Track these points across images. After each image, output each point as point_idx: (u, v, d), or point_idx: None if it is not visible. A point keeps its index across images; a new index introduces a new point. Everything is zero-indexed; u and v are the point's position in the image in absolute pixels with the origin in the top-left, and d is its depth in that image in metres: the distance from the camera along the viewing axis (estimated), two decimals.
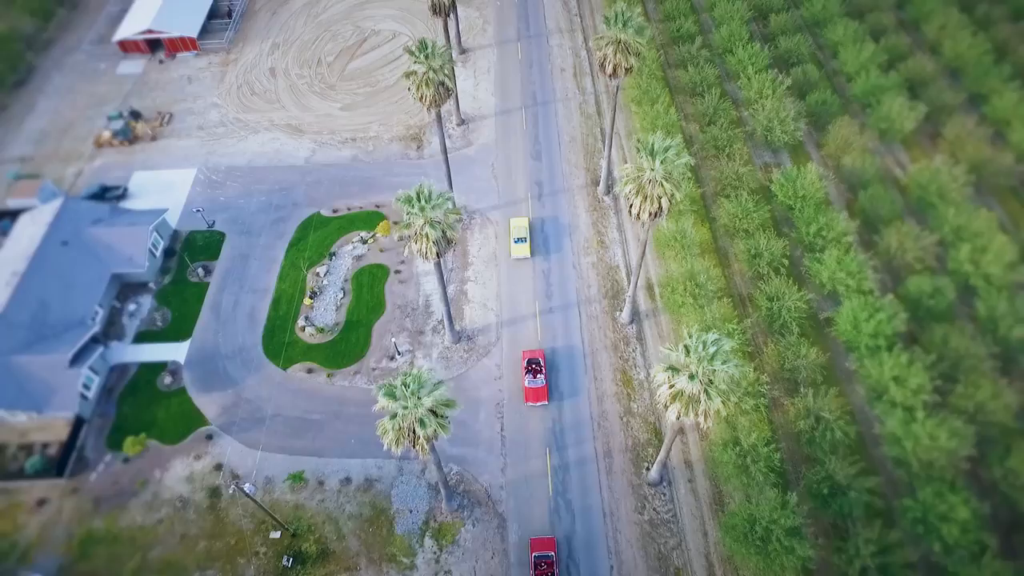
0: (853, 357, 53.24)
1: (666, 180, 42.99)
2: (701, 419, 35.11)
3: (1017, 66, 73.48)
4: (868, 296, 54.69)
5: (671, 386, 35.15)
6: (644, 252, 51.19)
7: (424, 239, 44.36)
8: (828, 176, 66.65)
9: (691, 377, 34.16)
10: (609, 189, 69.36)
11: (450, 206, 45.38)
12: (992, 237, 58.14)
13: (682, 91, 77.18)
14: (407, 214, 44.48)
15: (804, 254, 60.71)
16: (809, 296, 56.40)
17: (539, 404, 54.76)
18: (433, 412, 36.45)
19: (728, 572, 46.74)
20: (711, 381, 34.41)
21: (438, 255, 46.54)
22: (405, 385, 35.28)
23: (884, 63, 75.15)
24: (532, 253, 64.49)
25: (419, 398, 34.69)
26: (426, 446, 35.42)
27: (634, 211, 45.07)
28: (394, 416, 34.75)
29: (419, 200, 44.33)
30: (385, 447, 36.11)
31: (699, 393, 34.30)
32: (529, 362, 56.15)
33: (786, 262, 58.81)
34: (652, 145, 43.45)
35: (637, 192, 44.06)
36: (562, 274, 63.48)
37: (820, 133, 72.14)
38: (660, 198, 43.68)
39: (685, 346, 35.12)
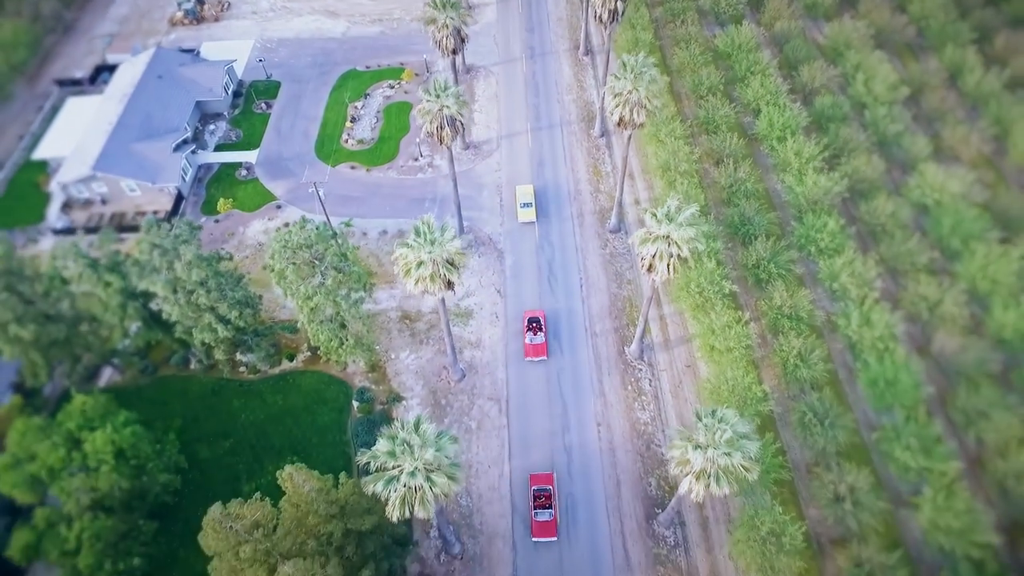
0: (766, 144, 70.31)
1: None
2: (636, 117, 52.06)
3: None
4: (781, 106, 71.80)
5: (614, 92, 52.10)
6: (608, 60, 68.07)
7: (444, 28, 61.43)
8: (762, 37, 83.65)
9: (626, 80, 51.15)
10: (588, 51, 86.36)
11: (463, 9, 62.43)
12: (881, 69, 75.32)
13: None
14: (431, 9, 61.60)
15: (736, 86, 77.73)
16: (737, 108, 73.55)
17: (538, 359, 57.83)
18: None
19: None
20: (641, 84, 51.37)
21: (454, 51, 63.62)
22: (436, 84, 52.32)
23: None
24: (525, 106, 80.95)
25: (447, 94, 51.73)
26: (450, 134, 52.31)
27: (598, 11, 62.10)
28: (429, 101, 51.77)
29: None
30: (421, 136, 53.18)
31: (631, 92, 51.26)
32: (530, 320, 59.09)
33: (722, 87, 75.86)
34: None
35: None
36: (549, 107, 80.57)
37: (759, 13, 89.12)
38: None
39: (623, 62, 52.11)
